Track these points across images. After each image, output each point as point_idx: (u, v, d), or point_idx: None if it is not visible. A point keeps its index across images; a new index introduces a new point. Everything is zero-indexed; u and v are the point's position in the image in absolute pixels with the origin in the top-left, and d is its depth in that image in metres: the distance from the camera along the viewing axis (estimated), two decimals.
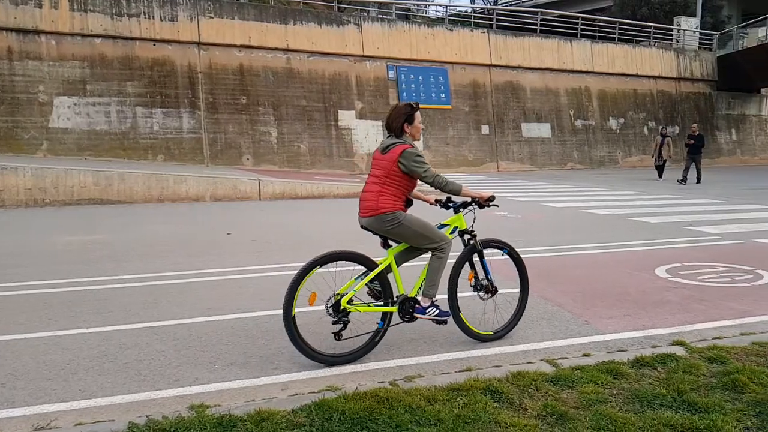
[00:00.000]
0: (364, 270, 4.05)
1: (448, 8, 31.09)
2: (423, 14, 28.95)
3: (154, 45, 18.31)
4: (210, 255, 7.53)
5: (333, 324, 3.92)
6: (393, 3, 24.74)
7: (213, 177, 13.84)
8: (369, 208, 4.01)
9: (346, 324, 3.92)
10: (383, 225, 4.00)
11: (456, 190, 4.08)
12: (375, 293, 4.13)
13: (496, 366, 3.92)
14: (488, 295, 4.44)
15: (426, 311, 4.11)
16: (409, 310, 4.11)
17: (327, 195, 14.42)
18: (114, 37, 17.74)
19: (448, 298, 4.28)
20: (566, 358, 4.05)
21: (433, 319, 4.15)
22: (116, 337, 4.44)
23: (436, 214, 4.52)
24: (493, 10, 28.02)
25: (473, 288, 4.43)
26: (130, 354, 4.12)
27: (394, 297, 4.11)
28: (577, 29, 26.32)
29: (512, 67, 24.56)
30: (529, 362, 3.98)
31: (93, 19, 17.42)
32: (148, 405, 3.36)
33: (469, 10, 35.50)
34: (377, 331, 4.06)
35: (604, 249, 8.07)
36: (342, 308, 3.88)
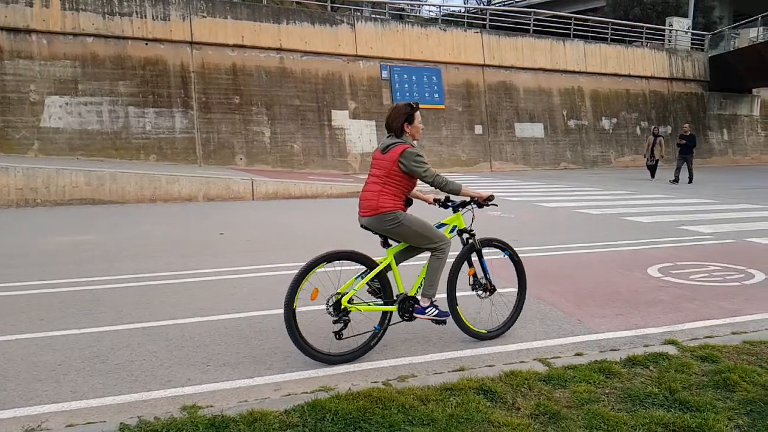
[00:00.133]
0: (365, 269, 4.07)
1: (442, 8, 31.13)
2: (416, 14, 28.94)
3: (147, 44, 18.22)
4: (203, 255, 7.51)
5: (334, 323, 3.94)
6: (386, 3, 24.74)
7: (206, 177, 13.79)
8: (369, 208, 4.03)
9: (347, 323, 3.94)
10: (383, 224, 4.02)
11: (456, 190, 4.11)
12: (375, 290, 4.16)
13: (489, 365, 3.93)
14: (486, 294, 4.48)
15: (425, 311, 4.14)
16: (409, 309, 4.14)
17: (320, 195, 14.40)
18: (106, 37, 17.64)
19: (447, 297, 4.31)
20: (559, 358, 4.06)
21: (433, 319, 4.18)
22: (108, 338, 4.41)
23: (436, 214, 4.53)
24: (487, 10, 28.07)
25: (472, 287, 4.46)
26: (122, 355, 4.10)
27: (394, 296, 4.14)
28: (570, 29, 26.39)
29: (505, 67, 24.61)
30: (522, 362, 3.99)
31: (85, 18, 17.33)
32: (140, 406, 3.34)
33: (463, 10, 35.55)
34: (374, 335, 4.08)
35: (597, 249, 8.09)
36: (343, 307, 3.90)
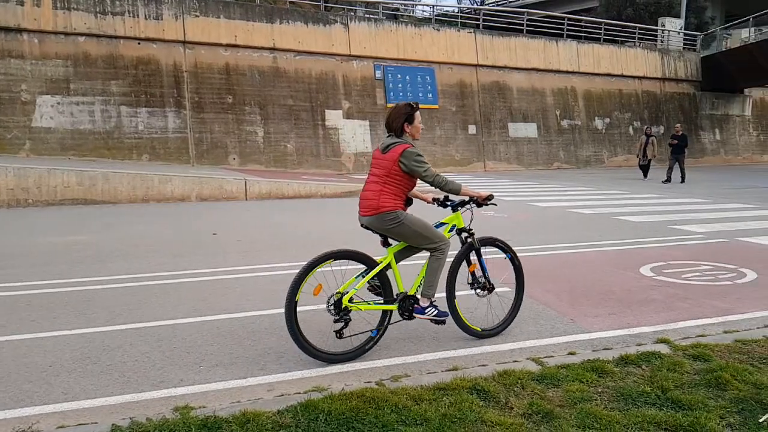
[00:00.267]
0: (365, 268, 4.09)
1: (435, 8, 31.17)
2: (410, 14, 28.94)
3: (139, 44, 18.15)
4: (195, 255, 7.48)
5: (335, 322, 3.96)
6: (380, 2, 24.73)
7: (199, 177, 13.75)
8: (370, 207, 4.05)
9: (348, 322, 3.97)
10: (384, 224, 4.04)
11: (456, 190, 4.14)
12: (375, 288, 4.18)
13: (483, 365, 3.93)
14: (485, 293, 4.51)
15: (425, 311, 4.16)
16: (409, 308, 4.17)
17: (314, 195, 14.38)
18: (98, 36, 17.56)
19: (447, 295, 4.34)
20: (552, 357, 4.07)
21: (432, 319, 4.20)
22: (100, 339, 4.39)
23: (435, 213, 4.54)
24: (480, 10, 28.10)
25: (470, 285, 4.50)
26: (114, 356, 4.08)
27: (394, 295, 4.16)
28: (563, 30, 26.46)
29: (499, 67, 24.65)
30: (515, 361, 3.99)
31: (76, 17, 17.23)
32: (132, 407, 3.32)
33: (456, 10, 35.61)
34: (369, 339, 4.10)
35: (590, 248, 8.11)
36: (344, 306, 3.92)
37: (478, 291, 4.50)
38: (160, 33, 18.41)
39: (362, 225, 4.18)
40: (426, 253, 4.25)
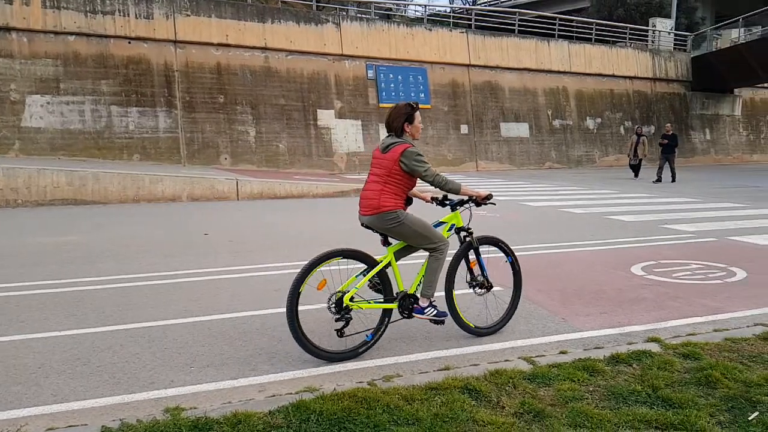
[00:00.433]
0: (365, 267, 4.12)
1: (427, 8, 31.14)
2: (402, 14, 28.95)
3: (129, 43, 18.04)
4: (187, 256, 7.45)
5: (336, 321, 3.98)
6: (372, 2, 24.72)
7: (190, 177, 13.69)
8: (371, 207, 4.08)
9: (349, 321, 3.99)
10: (385, 223, 4.07)
11: (455, 189, 4.18)
12: (374, 284, 4.21)
13: (474, 364, 3.93)
14: (483, 291, 4.56)
15: (424, 311, 4.19)
16: (409, 307, 4.20)
17: (306, 195, 14.36)
18: (88, 35, 17.43)
19: (445, 294, 4.37)
20: (543, 356, 4.08)
21: (431, 319, 4.23)
22: (89, 340, 4.36)
23: (435, 213, 4.55)
24: (472, 10, 28.15)
25: (469, 284, 4.54)
26: (104, 357, 4.05)
27: (394, 293, 4.19)
28: (555, 30, 26.54)
29: (491, 67, 24.70)
30: (507, 360, 4.00)
31: (66, 16, 17.11)
32: (122, 408, 3.30)
33: (448, 10, 35.63)
34: (364, 343, 4.10)
35: (581, 247, 8.14)
36: (345, 305, 3.95)
37: (477, 289, 4.55)
38: (151, 32, 18.31)
39: (363, 224, 4.21)
40: (425, 252, 4.28)
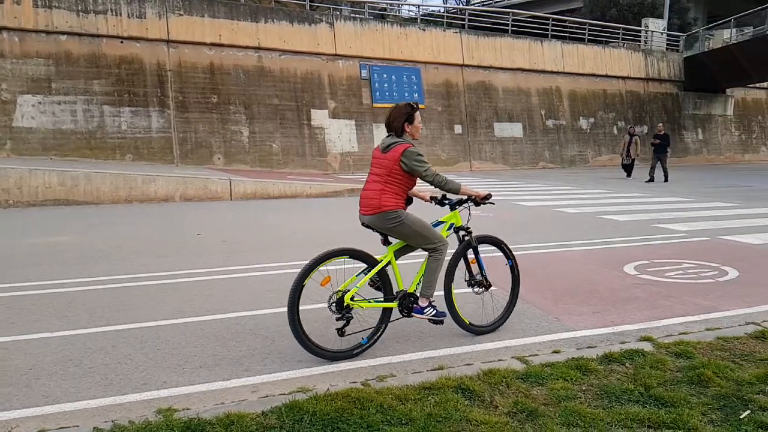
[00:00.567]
0: (366, 266, 4.14)
1: (421, 8, 31.17)
2: (396, 14, 28.94)
3: (122, 42, 17.96)
4: (179, 256, 7.42)
5: (336, 320, 3.99)
6: (365, 2, 24.70)
7: (183, 177, 13.64)
8: (371, 206, 4.10)
9: (349, 320, 4.01)
10: (386, 223, 4.09)
11: (455, 189, 4.20)
12: (374, 282, 4.22)
13: (468, 364, 3.94)
14: (482, 290, 4.58)
15: (424, 311, 4.21)
16: (409, 306, 4.21)
17: (300, 195, 14.33)
18: (80, 35, 17.33)
19: (444, 293, 4.39)
20: (537, 355, 4.09)
21: (430, 319, 4.25)
22: (81, 341, 4.33)
23: (435, 212, 4.56)
24: (465, 10, 28.18)
25: (468, 283, 4.56)
26: (96, 358, 4.03)
27: (394, 292, 4.21)
28: (548, 30, 26.61)
29: (484, 67, 24.73)
30: (500, 360, 4.00)
31: (58, 16, 17.01)
32: (115, 410, 3.28)
33: (442, 10, 35.65)
34: (358, 345, 4.10)
35: (574, 247, 8.16)
36: (345, 304, 3.96)
37: (475, 288, 4.57)
38: (144, 32, 18.23)
39: (363, 224, 4.23)
40: (424, 251, 4.30)
